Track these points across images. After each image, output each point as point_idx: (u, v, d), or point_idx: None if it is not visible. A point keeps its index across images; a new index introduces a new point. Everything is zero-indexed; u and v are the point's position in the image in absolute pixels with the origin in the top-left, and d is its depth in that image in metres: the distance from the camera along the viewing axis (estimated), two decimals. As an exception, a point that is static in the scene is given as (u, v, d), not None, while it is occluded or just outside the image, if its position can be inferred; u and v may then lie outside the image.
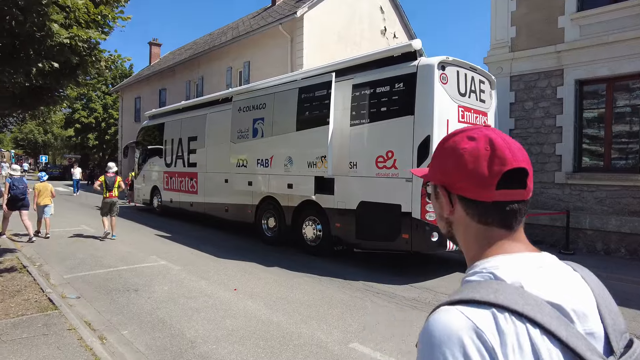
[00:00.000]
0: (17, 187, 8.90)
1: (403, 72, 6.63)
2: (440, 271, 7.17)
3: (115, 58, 5.76)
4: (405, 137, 6.50)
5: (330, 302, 5.39)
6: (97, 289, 5.72)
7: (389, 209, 6.70)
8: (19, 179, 9.09)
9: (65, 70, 5.26)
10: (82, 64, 5.36)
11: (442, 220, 0.89)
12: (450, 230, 0.89)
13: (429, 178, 0.90)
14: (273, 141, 8.25)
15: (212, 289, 5.76)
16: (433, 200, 0.92)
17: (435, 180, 0.88)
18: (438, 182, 0.87)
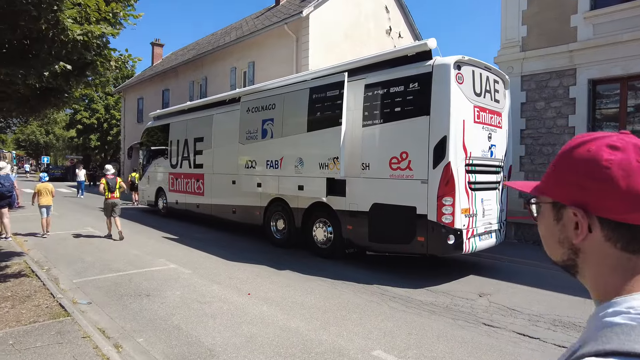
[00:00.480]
0: (3, 185, 8.81)
1: (418, 71, 6.51)
2: (454, 274, 7.04)
3: (125, 58, 5.64)
4: (420, 137, 6.38)
5: (347, 307, 5.27)
6: (108, 294, 5.59)
7: (404, 211, 6.58)
8: (5, 176, 8.98)
9: (75, 70, 5.14)
10: (92, 64, 5.24)
11: (563, 246, 0.74)
12: (573, 258, 0.74)
13: (552, 195, 0.74)
14: (283, 142, 8.13)
15: (226, 294, 5.64)
16: (548, 222, 0.77)
17: (564, 198, 0.72)
18: (570, 202, 0.71)
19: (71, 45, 4.72)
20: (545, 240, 0.79)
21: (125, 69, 5.81)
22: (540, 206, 0.80)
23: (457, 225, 6.30)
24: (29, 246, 8.47)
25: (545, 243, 0.79)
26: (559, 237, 0.74)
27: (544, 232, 0.79)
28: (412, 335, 4.46)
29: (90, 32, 4.76)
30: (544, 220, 0.78)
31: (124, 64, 5.64)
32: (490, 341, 4.37)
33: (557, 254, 0.76)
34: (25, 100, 5.44)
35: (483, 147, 6.88)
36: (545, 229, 0.78)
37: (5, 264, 6.82)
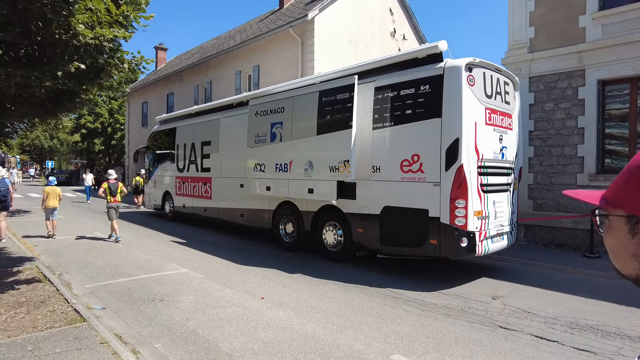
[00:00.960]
0: None
1: (429, 74, 6.50)
2: (466, 276, 7.01)
3: (138, 60, 5.65)
4: (432, 140, 6.37)
5: (362, 310, 5.25)
6: (121, 299, 5.59)
7: (416, 214, 6.56)
8: (1, 180, 9.21)
9: (90, 73, 5.16)
10: (105, 67, 5.26)
11: (639, 261, 0.71)
12: None
13: (629, 208, 0.70)
14: (292, 145, 8.13)
15: (239, 298, 5.62)
16: (620, 236, 0.73)
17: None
18: None
19: (83, 49, 4.74)
20: (614, 253, 0.76)
21: (139, 71, 5.79)
22: (609, 218, 0.75)
23: (470, 228, 6.27)
24: (39, 251, 8.48)
25: (615, 256, 0.75)
26: (634, 252, 0.71)
27: (613, 245, 0.75)
28: (429, 338, 4.43)
29: (102, 35, 4.77)
30: (615, 234, 0.74)
31: (137, 66, 5.65)
32: (508, 344, 4.34)
33: (629, 267, 0.73)
34: (40, 104, 5.46)
35: (494, 149, 6.86)
36: (616, 242, 0.74)
37: (18, 269, 6.82)
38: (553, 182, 9.38)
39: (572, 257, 8.51)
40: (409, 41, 18.45)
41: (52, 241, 9.69)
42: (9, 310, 4.93)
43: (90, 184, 21.34)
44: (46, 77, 4.45)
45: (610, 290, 6.31)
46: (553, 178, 9.37)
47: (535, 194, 9.64)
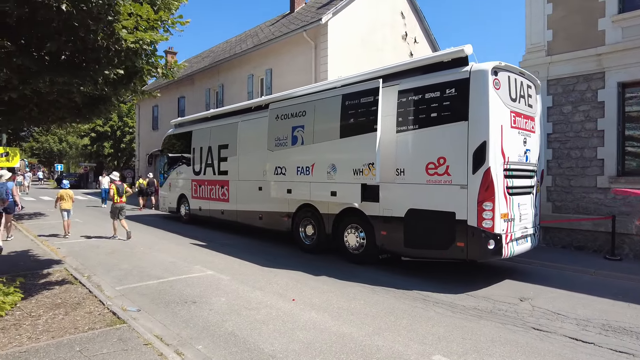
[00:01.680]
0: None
1: (454, 77, 6.55)
2: (490, 279, 7.04)
3: (172, 64, 5.74)
4: (458, 143, 6.41)
5: (394, 312, 5.29)
6: (153, 301, 5.65)
7: (442, 216, 6.60)
8: (2, 183, 9.40)
9: (123, 78, 5.26)
10: (140, 71, 5.35)
11: None
12: None
13: None
14: (314, 149, 8.19)
15: (271, 300, 5.67)
16: None
17: None
18: None
19: (124, 54, 4.83)
20: None
21: (170, 76, 5.86)
22: None
23: (497, 230, 6.30)
24: (63, 253, 8.56)
25: None
26: None
27: None
28: (466, 339, 4.47)
29: (141, 39, 4.86)
30: None
31: (170, 70, 5.74)
32: (545, 345, 4.37)
33: None
34: (77, 108, 5.55)
35: (519, 152, 6.90)
36: None
37: (47, 271, 6.90)
38: (572, 185, 9.39)
39: (593, 259, 8.51)
40: (420, 44, 18.53)
41: (74, 244, 9.79)
42: (48, 312, 5.00)
43: (107, 186, 19.30)
44: (87, 84, 4.54)
45: (637, 292, 6.32)
46: (572, 180, 9.38)
47: (554, 196, 9.65)
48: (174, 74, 5.79)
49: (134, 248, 9.31)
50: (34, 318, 4.81)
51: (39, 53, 4.47)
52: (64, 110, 5.43)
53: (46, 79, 4.26)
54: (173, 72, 5.76)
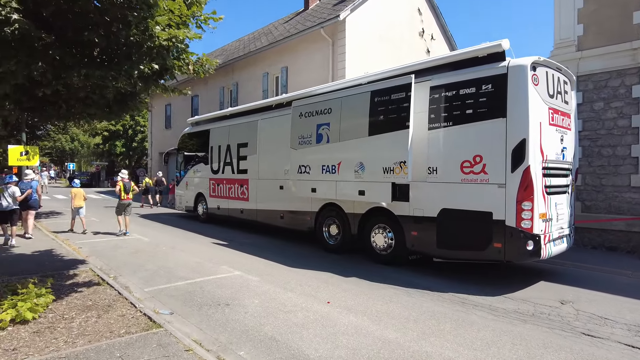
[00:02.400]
0: (22, 190, 9.79)
1: (491, 73, 6.33)
2: (524, 280, 6.83)
3: (203, 61, 5.58)
4: (496, 140, 6.20)
5: (435, 316, 5.10)
6: (185, 303, 5.50)
7: (478, 216, 6.39)
8: (27, 183, 10.07)
9: (154, 75, 5.12)
10: (171, 68, 5.21)
11: None
12: None
13: None
14: (341, 147, 8.00)
15: (305, 302, 5.51)
16: None
17: None
18: None
19: (157, 51, 4.69)
20: None
21: (201, 73, 5.70)
22: None
23: (536, 231, 6.08)
24: (86, 253, 8.47)
25: None
26: None
27: None
28: (516, 345, 4.27)
29: (174, 36, 4.72)
30: None
31: (202, 67, 5.58)
32: (603, 353, 4.16)
33: None
34: (107, 105, 5.43)
35: (556, 150, 6.67)
36: None
37: (73, 271, 6.80)
38: (603, 184, 9.12)
39: (627, 260, 8.25)
40: (437, 41, 18.26)
41: (96, 243, 9.71)
42: (80, 314, 4.88)
43: None
44: (122, 78, 4.40)
45: (684, 296, 6.07)
46: (603, 179, 9.11)
47: (584, 195, 9.38)
48: (205, 71, 5.63)
49: (156, 248, 9.20)
50: (67, 321, 4.69)
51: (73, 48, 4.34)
52: (95, 107, 5.30)
53: (82, 73, 4.12)
54: (204, 69, 5.60)
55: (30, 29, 3.71)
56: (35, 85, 4.66)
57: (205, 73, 5.68)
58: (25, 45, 3.96)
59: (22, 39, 3.87)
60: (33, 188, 9.97)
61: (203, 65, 5.58)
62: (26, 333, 4.31)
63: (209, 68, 5.66)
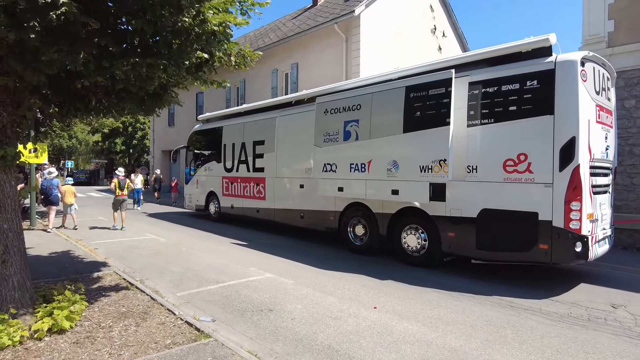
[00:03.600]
0: (45, 187, 11.01)
1: (537, 68, 6.09)
2: (564, 282, 6.65)
3: (246, 52, 5.26)
4: (542, 138, 5.96)
5: (491, 322, 4.85)
6: (225, 309, 5.20)
7: (523, 217, 6.15)
8: (49, 180, 11.14)
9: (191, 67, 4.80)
10: (211, 59, 4.90)
11: None
12: None
13: None
14: (371, 144, 7.73)
15: (350, 307, 5.23)
16: None
17: None
18: None
19: (206, 38, 4.37)
20: None
21: (243, 66, 5.36)
22: None
23: (584, 232, 5.87)
24: (103, 254, 8.13)
25: None
26: None
27: None
28: (589, 354, 4.04)
29: (224, 22, 4.41)
30: None
31: (244, 59, 5.26)
32: (681, 363, 3.93)
33: None
34: (142, 100, 5.11)
35: (602, 148, 6.46)
36: None
37: (97, 274, 6.47)
38: (634, 183, 8.94)
39: (662, 261, 8.08)
40: (448, 38, 18.03)
41: (110, 244, 9.36)
42: (117, 322, 4.57)
43: (140, 186, 17.25)
44: (171, 68, 4.09)
45: None
46: (635, 179, 8.93)
47: (615, 194, 9.17)
48: (247, 63, 5.31)
49: (175, 249, 8.87)
50: (106, 330, 4.37)
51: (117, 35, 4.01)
52: (130, 101, 4.97)
53: (130, 62, 3.80)
54: (247, 62, 5.28)
55: (77, 14, 3.38)
56: (72, 76, 4.32)
57: (246, 66, 5.35)
58: (68, 32, 3.63)
59: (65, 25, 3.54)
60: (54, 185, 10.96)
61: (245, 57, 5.25)
62: (66, 344, 3.99)
63: (250, 61, 5.34)
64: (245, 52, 5.20)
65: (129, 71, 3.99)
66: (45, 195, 10.85)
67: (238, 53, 5.16)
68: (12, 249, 4.31)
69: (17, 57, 3.77)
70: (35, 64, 3.88)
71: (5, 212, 4.30)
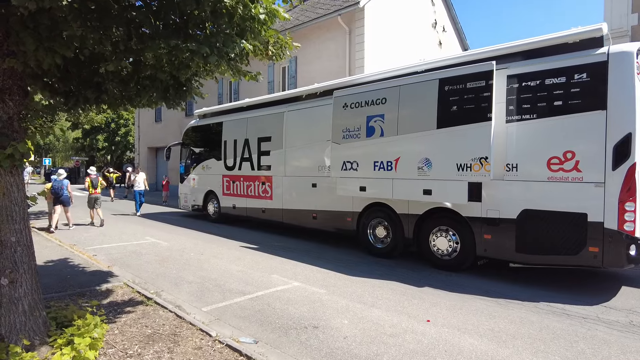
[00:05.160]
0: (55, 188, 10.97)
1: (587, 60, 5.71)
2: (606, 286, 6.38)
3: (283, 42, 4.68)
4: (593, 135, 5.60)
5: (556, 334, 4.46)
6: (263, 326, 4.63)
7: (569, 218, 5.80)
8: (59, 180, 11.07)
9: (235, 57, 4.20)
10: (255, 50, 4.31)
11: None
12: None
13: None
14: (399, 141, 7.24)
15: (401, 321, 4.74)
16: None
17: None
18: None
19: (249, 24, 3.78)
20: None
21: (278, 58, 4.74)
22: None
23: (639, 234, 5.54)
24: (104, 261, 7.40)
25: None
26: None
27: None
28: (683, 374, 3.67)
29: (271, 11, 3.86)
30: None
31: (281, 49, 4.67)
32: None
33: None
34: (166, 90, 4.47)
35: None
36: None
37: (106, 287, 5.78)
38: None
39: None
40: (448, 33, 17.73)
41: (110, 248, 8.60)
42: (146, 348, 3.94)
43: (143, 188, 14.44)
44: (213, 56, 3.47)
45: None
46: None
47: None
48: (283, 54, 4.73)
49: (183, 254, 8.19)
50: (135, 358, 3.75)
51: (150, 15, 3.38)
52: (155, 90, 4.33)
53: (169, 44, 3.17)
54: (284, 53, 4.70)
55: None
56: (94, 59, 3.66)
57: (282, 58, 4.77)
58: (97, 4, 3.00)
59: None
60: (65, 186, 11.03)
61: (282, 48, 4.67)
62: (93, 379, 3.37)
63: (288, 53, 4.76)
64: (284, 42, 4.61)
65: (164, 55, 3.35)
66: (56, 196, 10.89)
67: (275, 42, 4.57)
68: (21, 266, 3.63)
69: (31, 33, 3.11)
70: (49, 43, 3.22)
71: (13, 222, 3.62)
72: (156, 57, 3.45)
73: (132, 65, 3.74)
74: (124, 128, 30.41)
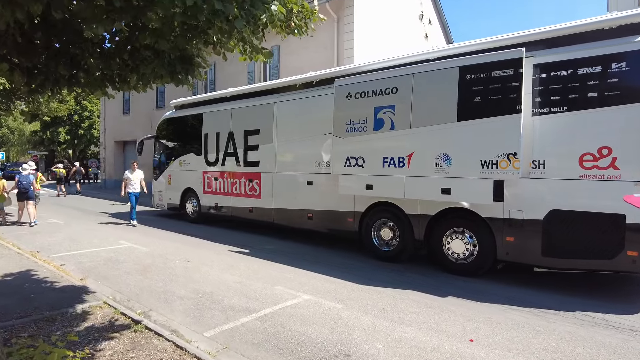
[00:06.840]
0: (21, 183, 10.76)
1: (626, 48, 5.25)
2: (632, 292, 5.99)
3: (308, 12, 3.90)
4: (631, 129, 5.16)
5: (615, 351, 3.96)
6: (284, 356, 3.83)
7: (605, 219, 5.34)
8: (25, 176, 10.84)
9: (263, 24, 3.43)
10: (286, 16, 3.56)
11: None
12: None
13: None
14: (413, 134, 6.60)
15: (442, 342, 4.10)
16: None
17: None
18: None
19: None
20: None
21: (299, 32, 3.94)
22: None
23: (680, 236, 5.16)
24: (74, 272, 6.37)
25: None
26: None
27: None
28: None
29: None
30: None
31: (305, 23, 3.89)
32: None
33: None
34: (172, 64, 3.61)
35: None
36: None
37: (82, 308, 4.79)
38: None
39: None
40: (434, 26, 17.34)
41: (80, 256, 7.52)
42: (143, 393, 3.09)
43: (138, 190, 11.50)
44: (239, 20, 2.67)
45: None
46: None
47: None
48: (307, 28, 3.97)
49: (167, 262, 7.23)
50: (132, 410, 2.89)
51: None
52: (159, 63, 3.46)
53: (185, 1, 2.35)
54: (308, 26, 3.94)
55: None
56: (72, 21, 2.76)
57: (304, 33, 4.00)
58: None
59: None
60: (30, 180, 10.85)
61: (305, 19, 3.89)
62: None
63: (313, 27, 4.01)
64: (309, 12, 3.84)
65: (178, 16, 2.51)
66: (23, 192, 10.67)
67: (299, 12, 3.79)
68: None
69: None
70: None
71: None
72: (163, 19, 2.60)
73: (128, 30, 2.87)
74: (87, 120, 28.28)
